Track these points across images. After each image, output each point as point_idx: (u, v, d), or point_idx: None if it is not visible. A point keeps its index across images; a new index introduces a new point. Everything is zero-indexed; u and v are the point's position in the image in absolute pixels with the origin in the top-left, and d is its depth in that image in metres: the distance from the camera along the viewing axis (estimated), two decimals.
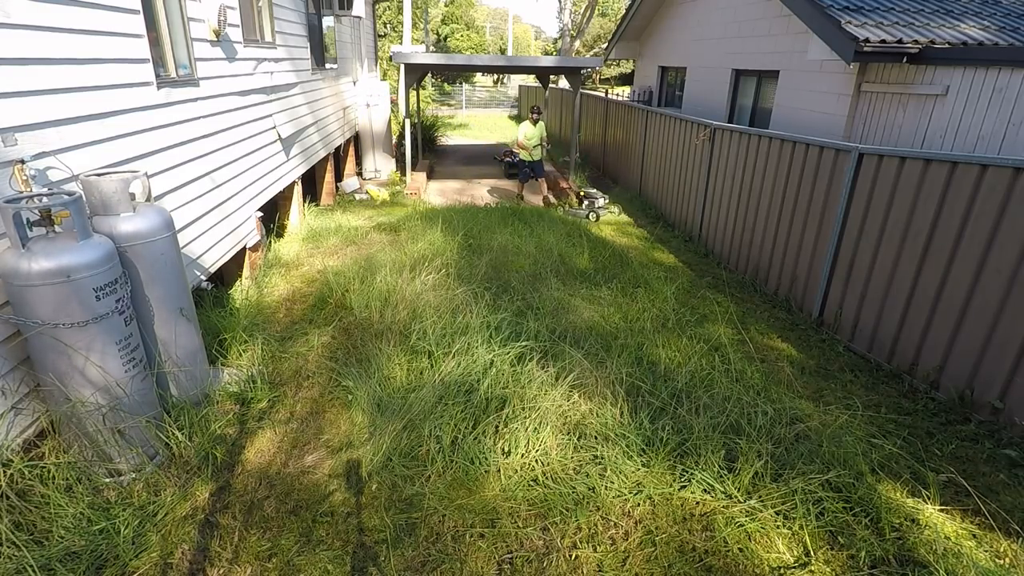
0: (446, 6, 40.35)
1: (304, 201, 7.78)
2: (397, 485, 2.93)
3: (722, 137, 6.63)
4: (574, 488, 2.93)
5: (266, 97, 5.95)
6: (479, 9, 47.32)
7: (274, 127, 6.14)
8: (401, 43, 20.41)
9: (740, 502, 2.87)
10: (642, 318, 4.85)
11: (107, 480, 2.73)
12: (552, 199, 9.83)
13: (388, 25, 29.37)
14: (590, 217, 8.53)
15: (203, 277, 4.37)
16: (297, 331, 4.51)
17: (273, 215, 6.91)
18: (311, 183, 8.79)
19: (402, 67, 9.69)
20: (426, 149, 14.18)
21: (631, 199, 9.53)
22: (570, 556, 2.55)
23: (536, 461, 3.09)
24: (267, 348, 4.15)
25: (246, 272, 5.47)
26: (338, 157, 10.30)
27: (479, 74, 36.44)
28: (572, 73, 10.60)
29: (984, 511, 2.83)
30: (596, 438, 3.25)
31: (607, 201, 9.00)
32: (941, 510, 2.86)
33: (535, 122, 9.28)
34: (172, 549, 2.51)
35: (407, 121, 10.10)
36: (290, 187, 7.08)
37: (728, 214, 6.51)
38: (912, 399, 3.87)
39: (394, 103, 14.13)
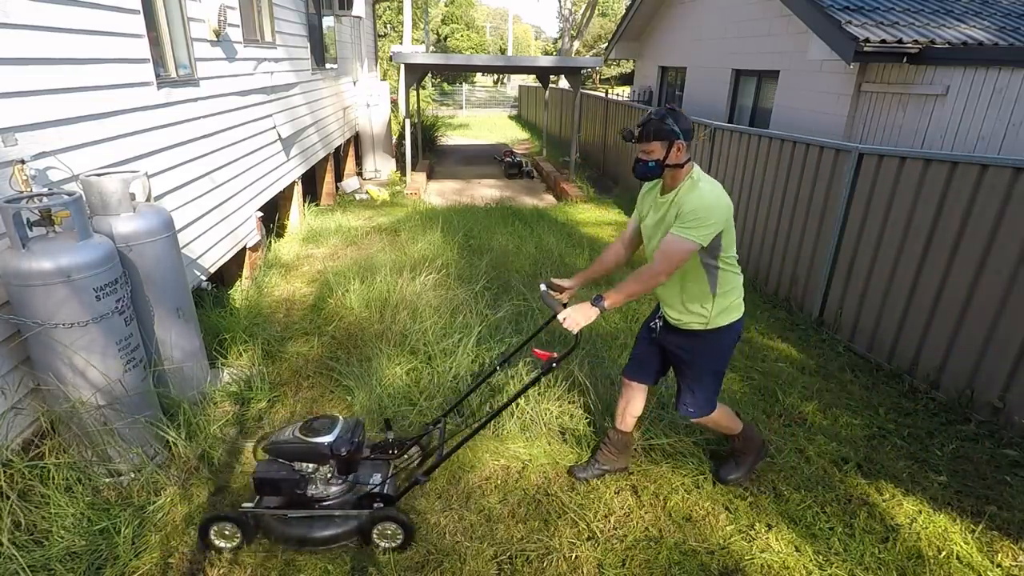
0: (446, 6, 40.36)
1: (304, 201, 7.78)
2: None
3: (722, 137, 6.63)
4: (575, 488, 2.93)
5: (266, 97, 5.95)
6: (479, 9, 47.33)
7: (274, 127, 6.14)
8: (401, 43, 20.41)
9: (741, 501, 2.87)
10: (641, 318, 4.85)
11: (107, 480, 2.73)
12: None
13: (388, 25, 29.38)
14: None
15: (203, 277, 4.37)
16: (297, 331, 4.51)
17: (273, 215, 6.91)
18: (311, 183, 8.79)
19: (402, 67, 9.70)
20: (426, 149, 14.18)
21: (631, 199, 9.51)
22: (570, 556, 2.55)
23: (537, 461, 3.09)
24: (267, 348, 4.15)
25: (246, 272, 5.47)
26: (338, 157, 10.30)
27: (479, 74, 36.46)
28: (572, 73, 10.61)
29: (985, 512, 2.83)
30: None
31: None
32: (941, 510, 2.85)
33: None
34: (172, 549, 2.51)
35: (407, 121, 10.11)
36: (290, 187, 7.08)
37: None
38: (912, 399, 3.87)
39: (394, 103, 14.13)
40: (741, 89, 9.27)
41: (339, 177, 10.44)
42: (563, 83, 17.18)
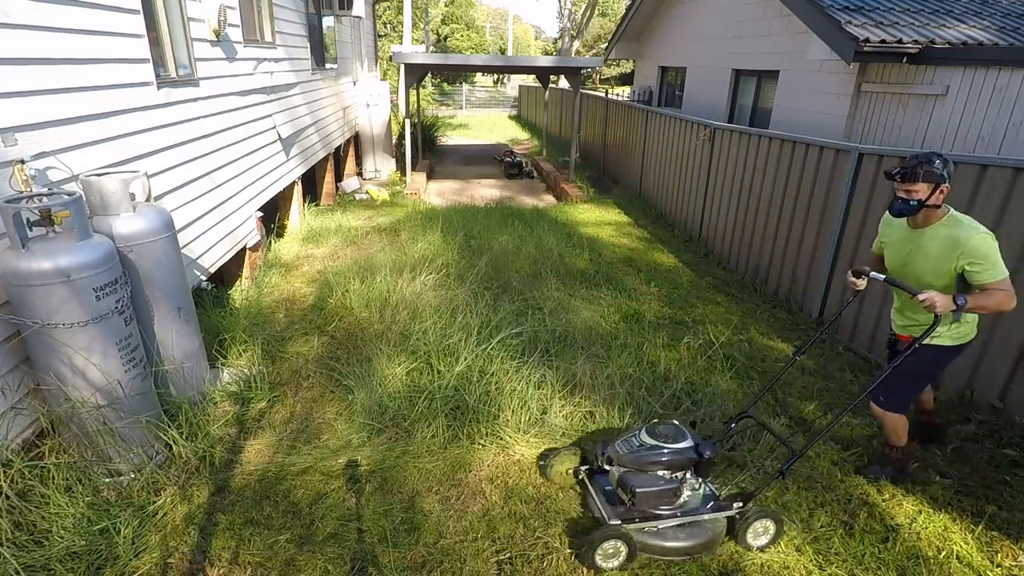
0: (446, 6, 40.37)
1: (304, 201, 7.78)
2: (397, 485, 2.93)
3: (722, 137, 6.63)
4: (575, 488, 2.93)
5: (266, 97, 5.95)
6: (479, 9, 47.33)
7: (274, 127, 6.14)
8: (401, 43, 20.42)
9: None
10: (642, 319, 4.85)
11: (107, 480, 2.73)
12: None
13: (388, 25, 29.38)
14: None
15: (203, 277, 4.37)
16: (297, 331, 4.51)
17: (273, 215, 6.91)
18: (311, 183, 8.79)
19: (402, 67, 9.70)
20: (426, 149, 14.18)
21: (631, 199, 9.53)
22: (570, 556, 2.55)
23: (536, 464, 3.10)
24: (267, 348, 4.15)
25: (246, 272, 5.46)
26: (338, 157, 10.30)
27: (479, 74, 36.46)
28: (572, 73, 10.61)
29: (985, 512, 2.83)
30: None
31: None
32: (941, 510, 2.85)
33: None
34: (172, 549, 2.51)
35: (407, 121, 10.11)
36: (290, 187, 7.08)
37: (728, 214, 6.51)
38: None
39: (394, 103, 14.13)
40: (741, 89, 9.27)
41: (339, 177, 10.44)
42: (563, 83, 17.18)
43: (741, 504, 2.53)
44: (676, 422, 2.64)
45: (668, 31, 11.76)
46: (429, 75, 24.80)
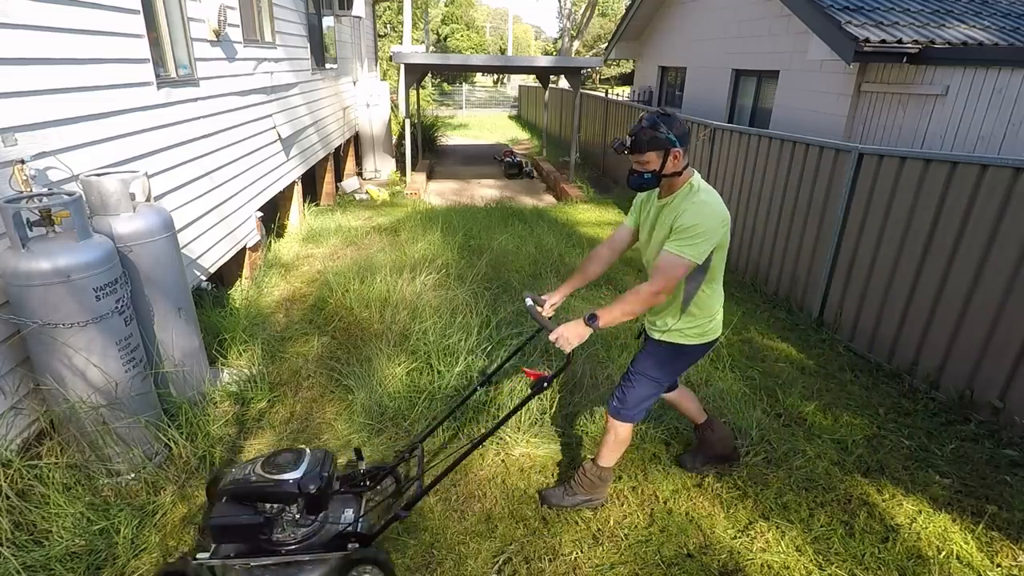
0: (446, 6, 40.40)
1: (304, 201, 7.78)
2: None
3: (722, 137, 6.63)
4: None
5: (266, 97, 5.95)
6: (479, 9, 47.35)
7: (274, 127, 6.14)
8: (401, 43, 20.43)
9: (741, 502, 2.87)
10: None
11: (106, 480, 2.73)
12: None
13: (388, 25, 29.40)
14: None
15: (203, 277, 4.37)
16: (297, 331, 4.51)
17: (273, 215, 6.91)
18: (311, 183, 8.80)
19: (402, 67, 9.70)
20: (426, 149, 14.18)
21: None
22: (570, 556, 2.55)
23: (538, 461, 3.09)
24: (267, 348, 4.15)
25: (246, 272, 5.46)
26: (338, 157, 10.30)
27: (479, 74, 36.47)
28: (572, 73, 10.61)
29: (985, 512, 2.83)
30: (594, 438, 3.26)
31: None
32: (941, 510, 2.85)
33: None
34: (172, 549, 2.51)
35: (407, 121, 10.11)
36: (290, 187, 7.08)
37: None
38: (912, 399, 3.87)
39: (394, 103, 14.14)
40: (741, 89, 9.27)
41: (339, 177, 10.44)
42: (563, 83, 17.18)
43: (357, 545, 2.24)
44: (306, 449, 2.34)
45: (668, 31, 11.77)
46: (429, 75, 24.80)
